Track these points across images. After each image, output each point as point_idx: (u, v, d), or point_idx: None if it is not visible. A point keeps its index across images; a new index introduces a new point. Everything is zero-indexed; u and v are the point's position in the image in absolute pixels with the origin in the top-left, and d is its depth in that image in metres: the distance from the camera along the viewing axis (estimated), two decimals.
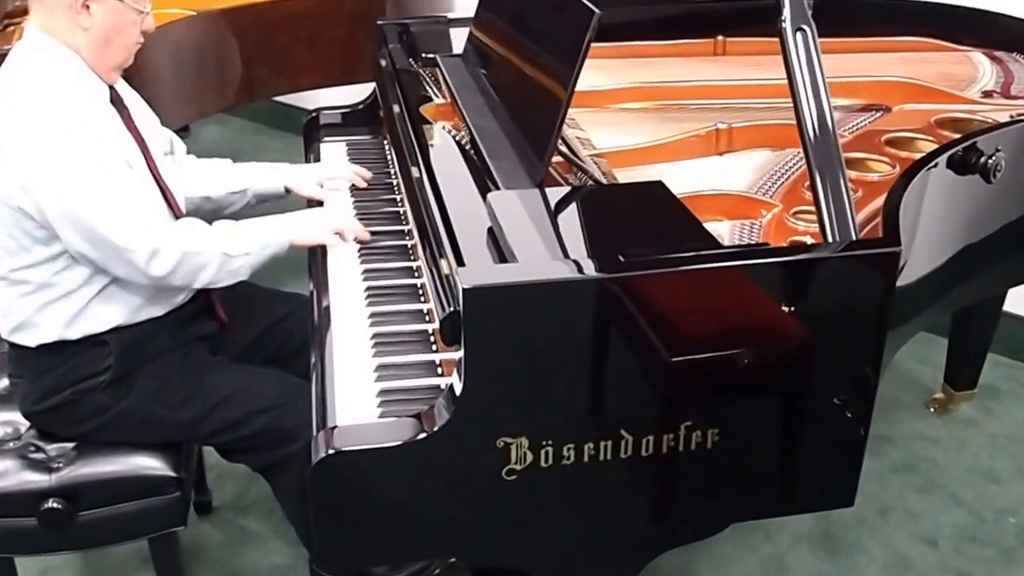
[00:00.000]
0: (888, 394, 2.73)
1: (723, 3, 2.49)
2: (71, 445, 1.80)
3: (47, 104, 1.63)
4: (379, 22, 2.43)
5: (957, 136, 1.87)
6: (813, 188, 1.39)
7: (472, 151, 1.77)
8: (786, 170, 1.81)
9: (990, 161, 1.71)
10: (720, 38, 2.44)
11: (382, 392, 1.49)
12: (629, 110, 2.11)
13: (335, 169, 2.12)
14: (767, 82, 2.11)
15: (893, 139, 1.92)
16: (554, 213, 1.48)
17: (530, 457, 1.33)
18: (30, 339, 1.74)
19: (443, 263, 1.43)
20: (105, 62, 1.70)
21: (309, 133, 2.45)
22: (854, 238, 1.37)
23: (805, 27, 1.42)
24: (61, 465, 1.77)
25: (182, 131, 4.30)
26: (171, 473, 1.79)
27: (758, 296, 1.33)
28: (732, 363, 1.34)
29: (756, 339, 1.34)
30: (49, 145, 1.60)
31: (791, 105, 1.45)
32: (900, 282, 1.49)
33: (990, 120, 1.98)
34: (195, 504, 2.31)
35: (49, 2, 1.65)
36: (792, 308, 1.35)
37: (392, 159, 2.17)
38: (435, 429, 1.28)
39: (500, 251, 1.41)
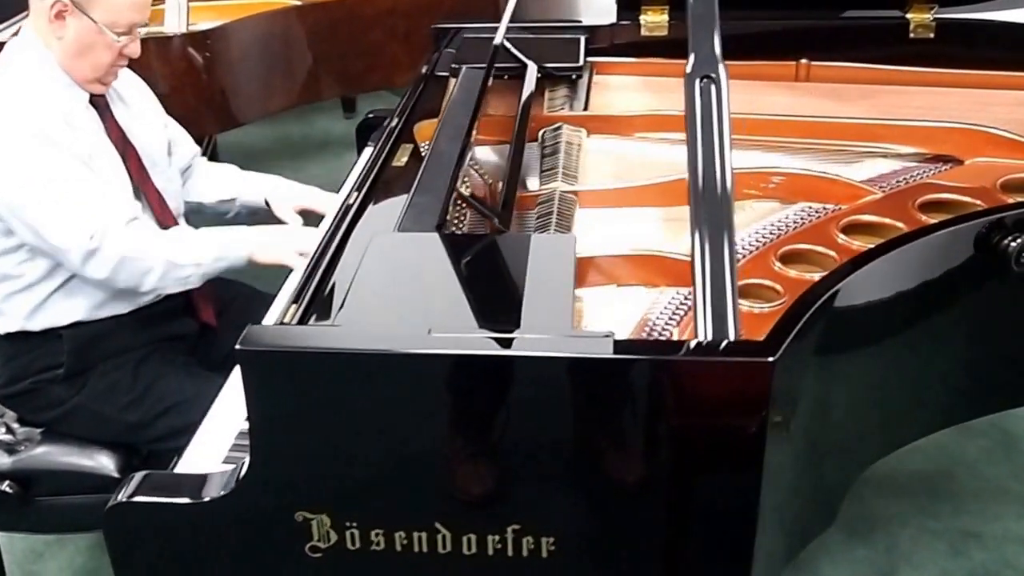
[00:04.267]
0: (994, 480, 2.29)
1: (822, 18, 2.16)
2: (39, 431, 1.86)
3: (13, 103, 1.67)
4: (433, 25, 2.32)
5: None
6: (692, 269, 1.15)
7: None
8: (774, 231, 1.54)
9: (1012, 245, 1.36)
10: (804, 61, 2.12)
11: (241, 434, 1.41)
12: (650, 139, 1.88)
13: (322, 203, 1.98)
14: (828, 120, 1.83)
15: (929, 202, 1.58)
16: (425, 266, 1.32)
17: (334, 537, 1.20)
18: None
19: (291, 308, 1.31)
20: (77, 73, 1.72)
21: (361, 134, 2.39)
22: (731, 337, 1.12)
23: (712, 76, 1.17)
24: (23, 449, 1.83)
25: (348, 112, 4.44)
26: (115, 474, 1.80)
27: (590, 394, 1.12)
28: (557, 466, 1.14)
29: (589, 443, 1.13)
30: (3, 142, 1.64)
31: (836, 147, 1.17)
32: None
33: None
34: None
35: (35, 5, 1.70)
36: (638, 413, 1.12)
37: None
38: (208, 497, 1.18)
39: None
